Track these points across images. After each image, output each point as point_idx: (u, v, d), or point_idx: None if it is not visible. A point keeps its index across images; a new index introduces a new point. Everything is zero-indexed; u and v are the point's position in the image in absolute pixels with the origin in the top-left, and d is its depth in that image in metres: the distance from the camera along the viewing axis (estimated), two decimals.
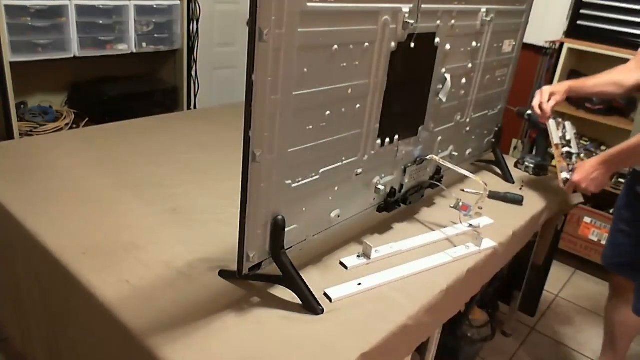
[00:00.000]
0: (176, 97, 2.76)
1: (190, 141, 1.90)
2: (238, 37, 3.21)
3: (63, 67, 2.33)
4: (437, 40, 1.33)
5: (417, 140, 1.44)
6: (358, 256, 1.25)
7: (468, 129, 1.70)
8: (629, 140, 1.42)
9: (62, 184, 1.46)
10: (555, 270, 2.07)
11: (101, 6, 2.26)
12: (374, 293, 1.14)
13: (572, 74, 2.77)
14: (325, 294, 1.11)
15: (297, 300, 1.07)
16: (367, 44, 1.11)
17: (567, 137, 1.72)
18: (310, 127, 1.05)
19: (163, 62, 2.77)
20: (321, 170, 1.12)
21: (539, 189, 1.80)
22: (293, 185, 1.06)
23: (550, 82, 2.72)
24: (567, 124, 1.77)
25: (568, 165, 1.61)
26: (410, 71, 1.30)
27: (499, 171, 1.91)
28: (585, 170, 1.49)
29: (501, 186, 1.78)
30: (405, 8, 1.16)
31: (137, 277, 1.10)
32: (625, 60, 1.69)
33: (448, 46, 1.38)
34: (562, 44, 2.64)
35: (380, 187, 1.32)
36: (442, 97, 1.44)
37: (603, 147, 2.75)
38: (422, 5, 1.21)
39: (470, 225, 1.46)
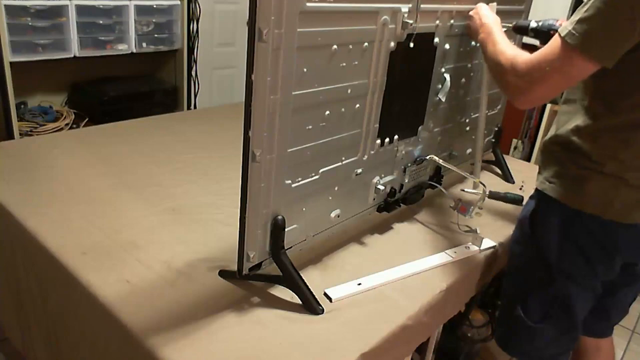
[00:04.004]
0: (176, 97, 2.76)
1: (190, 141, 1.90)
2: (238, 37, 3.21)
3: (63, 67, 2.33)
4: (436, 40, 1.33)
5: (417, 140, 1.44)
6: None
7: (468, 129, 1.70)
8: (503, 46, 1.20)
9: (62, 184, 1.46)
10: None
11: (101, 6, 2.26)
12: (374, 293, 1.14)
13: None
14: (325, 294, 1.11)
15: (297, 300, 1.07)
16: (366, 44, 1.11)
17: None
18: (310, 127, 1.05)
19: (163, 62, 2.77)
20: (321, 170, 1.12)
21: None
22: (293, 185, 1.06)
23: None
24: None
25: None
26: (410, 71, 1.30)
27: (499, 171, 1.91)
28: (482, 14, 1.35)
29: (501, 186, 1.78)
30: (404, 8, 1.16)
31: (137, 277, 1.10)
32: None
33: (447, 46, 1.38)
34: None
35: (380, 187, 1.32)
36: (442, 97, 1.44)
37: None
38: (421, 5, 1.21)
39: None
